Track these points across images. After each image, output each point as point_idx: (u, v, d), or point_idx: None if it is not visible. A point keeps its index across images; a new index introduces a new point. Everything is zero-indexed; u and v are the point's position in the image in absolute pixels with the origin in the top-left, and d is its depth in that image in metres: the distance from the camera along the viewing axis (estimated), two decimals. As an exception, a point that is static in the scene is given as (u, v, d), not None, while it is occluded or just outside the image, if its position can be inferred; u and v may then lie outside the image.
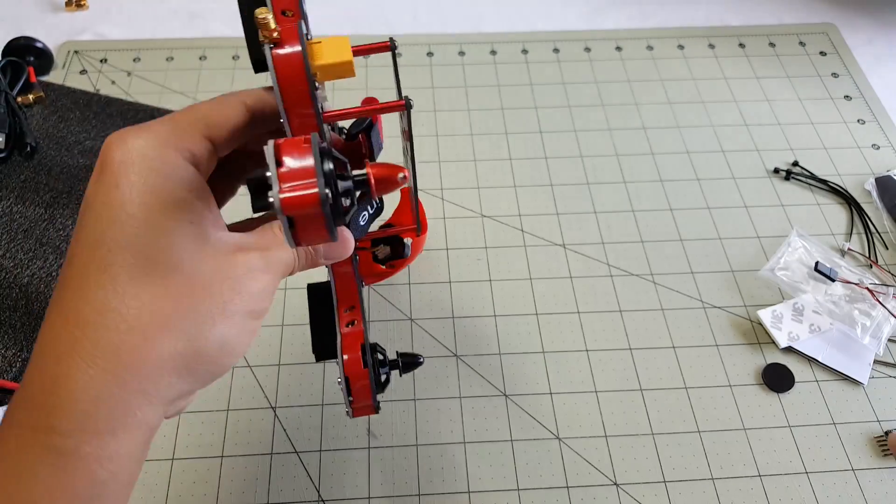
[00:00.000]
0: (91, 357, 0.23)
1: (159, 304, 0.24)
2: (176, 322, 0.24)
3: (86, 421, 0.23)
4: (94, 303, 0.24)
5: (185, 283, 0.25)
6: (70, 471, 0.23)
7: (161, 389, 0.24)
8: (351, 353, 0.33)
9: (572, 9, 0.72)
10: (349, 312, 0.36)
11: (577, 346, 0.48)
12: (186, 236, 0.25)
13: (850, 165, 0.59)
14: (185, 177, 0.26)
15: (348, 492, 0.42)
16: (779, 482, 0.43)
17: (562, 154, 0.59)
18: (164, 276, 0.24)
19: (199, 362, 0.25)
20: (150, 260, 0.24)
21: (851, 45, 0.69)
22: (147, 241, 0.24)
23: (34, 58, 0.61)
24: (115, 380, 0.23)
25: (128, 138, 0.25)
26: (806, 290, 0.50)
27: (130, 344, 0.24)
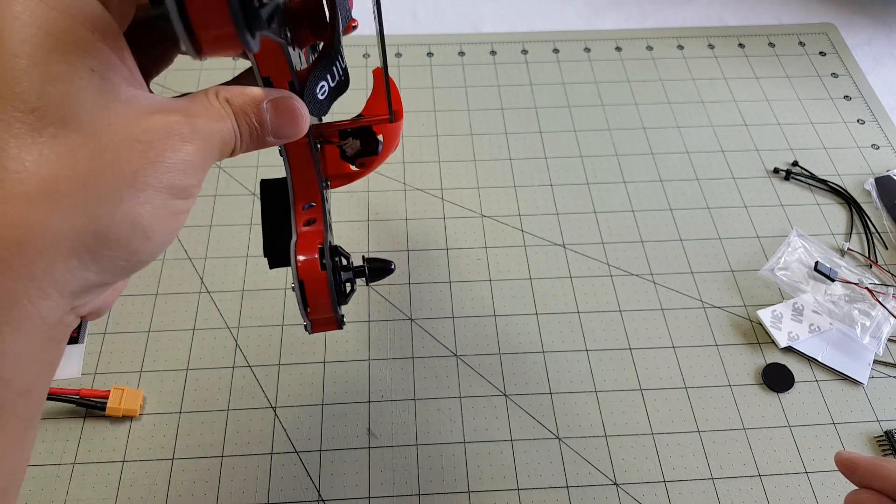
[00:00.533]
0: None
1: (50, 169, 0.19)
2: (71, 192, 0.19)
3: None
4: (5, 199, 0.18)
5: (82, 144, 0.19)
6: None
7: (57, 276, 0.19)
8: (307, 254, 0.29)
9: (572, 9, 0.72)
10: (308, 210, 0.31)
11: (577, 346, 0.48)
12: (86, 86, 0.20)
13: (849, 165, 0.59)
14: (86, 11, 0.20)
15: (348, 492, 0.42)
16: (778, 482, 0.43)
17: (562, 154, 0.59)
18: (56, 133, 0.19)
19: (104, 245, 0.20)
20: (37, 112, 0.19)
21: (851, 46, 0.69)
22: (33, 88, 0.19)
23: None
24: (7, 276, 0.18)
25: None
26: (806, 290, 0.50)
27: (13, 217, 0.18)
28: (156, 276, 0.50)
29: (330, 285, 0.28)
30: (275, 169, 0.57)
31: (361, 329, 0.48)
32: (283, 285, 0.50)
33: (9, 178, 0.18)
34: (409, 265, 0.51)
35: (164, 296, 0.49)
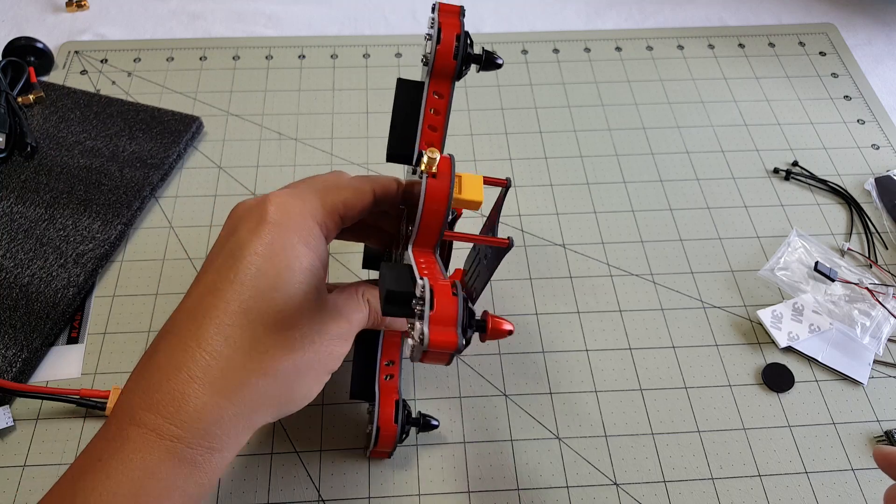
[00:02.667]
0: (218, 386, 0.27)
1: (277, 354, 0.29)
2: (284, 372, 0.29)
3: (205, 437, 0.27)
4: (229, 338, 0.28)
5: (298, 339, 0.29)
6: (186, 475, 0.27)
7: (256, 421, 0.29)
8: (387, 408, 0.38)
9: (572, 9, 0.72)
10: (389, 366, 0.40)
11: (577, 346, 0.48)
12: (309, 301, 0.30)
13: (849, 165, 0.59)
14: (319, 247, 0.31)
15: (348, 492, 0.42)
16: (778, 482, 0.43)
17: (562, 154, 0.59)
18: (287, 329, 0.29)
19: (287, 404, 0.30)
20: (280, 314, 0.29)
21: (851, 46, 0.69)
22: (283, 299, 0.29)
23: (34, 58, 0.61)
24: (233, 408, 0.28)
25: (287, 202, 0.31)
26: (806, 290, 0.50)
27: (251, 383, 0.28)
28: (156, 276, 0.50)
29: (397, 437, 0.38)
30: (274, 169, 0.57)
31: (361, 329, 0.48)
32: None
33: (254, 356, 0.28)
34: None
35: (164, 296, 0.49)
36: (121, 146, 0.56)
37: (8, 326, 0.46)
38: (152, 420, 0.27)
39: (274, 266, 0.29)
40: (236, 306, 0.28)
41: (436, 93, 0.33)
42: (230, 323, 0.28)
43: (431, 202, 0.30)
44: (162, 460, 0.27)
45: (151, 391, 0.28)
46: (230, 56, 0.66)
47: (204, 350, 0.28)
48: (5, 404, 0.43)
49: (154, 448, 0.27)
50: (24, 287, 0.47)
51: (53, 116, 0.58)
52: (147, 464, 0.26)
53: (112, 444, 0.27)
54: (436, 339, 0.25)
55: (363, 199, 0.34)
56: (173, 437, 0.27)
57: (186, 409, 0.27)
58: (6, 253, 0.49)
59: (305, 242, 0.30)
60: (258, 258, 0.29)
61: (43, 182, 0.53)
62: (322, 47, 0.67)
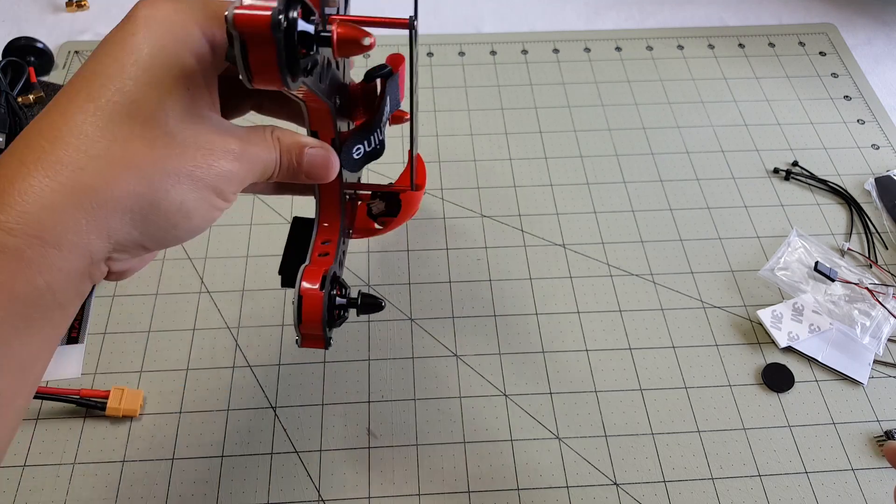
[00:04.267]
0: (53, 170, 0.24)
1: (132, 146, 0.25)
2: (143, 166, 0.25)
3: (33, 225, 0.23)
4: (71, 124, 0.25)
5: (161, 137, 0.26)
6: (10, 269, 0.23)
7: (111, 223, 0.25)
8: (312, 279, 0.32)
9: (572, 9, 0.72)
10: (325, 245, 0.35)
11: (577, 346, 0.48)
12: (178, 99, 0.26)
13: (849, 165, 0.59)
14: (196, 48, 0.27)
15: (348, 492, 0.42)
16: (778, 482, 0.43)
17: (562, 154, 0.59)
18: (145, 123, 0.25)
19: (154, 213, 0.26)
20: (136, 103, 0.25)
21: (851, 46, 0.69)
22: (140, 89, 0.25)
23: (35, 58, 0.61)
24: (70, 197, 0.24)
25: (157, 1, 0.27)
26: (806, 290, 0.50)
27: (94, 169, 0.24)
28: (156, 276, 0.50)
29: (324, 307, 0.32)
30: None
31: (361, 329, 0.48)
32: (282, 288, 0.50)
33: (101, 143, 0.25)
34: (409, 265, 0.51)
35: (164, 296, 0.49)
36: (121, 146, 0.56)
37: (8, 326, 0.45)
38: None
39: (132, 54, 0.26)
40: (86, 94, 0.25)
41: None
42: (76, 110, 0.25)
43: None
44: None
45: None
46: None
47: (43, 138, 0.25)
48: (5, 404, 0.43)
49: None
50: (24, 287, 0.47)
51: (53, 116, 0.58)
52: None
53: None
54: (242, 17, 0.22)
55: None
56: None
57: (10, 192, 0.24)
58: (6, 253, 0.49)
59: (175, 38, 0.27)
60: (115, 47, 0.26)
61: (43, 182, 0.53)
62: (322, 47, 0.67)
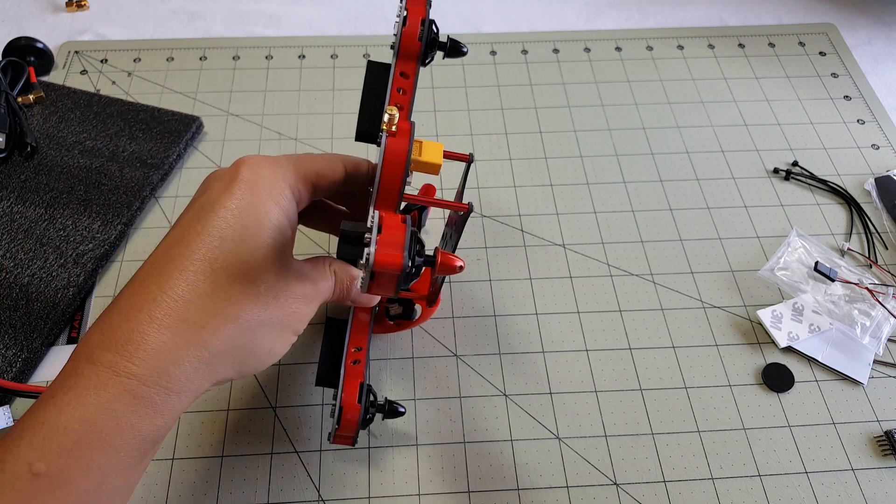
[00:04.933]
0: (178, 327, 0.27)
1: (240, 303, 0.29)
2: (248, 320, 0.29)
3: (162, 377, 0.27)
4: (192, 284, 0.28)
5: (263, 293, 0.30)
6: (141, 413, 0.27)
7: (218, 369, 0.29)
8: (350, 389, 0.38)
9: (572, 9, 0.72)
10: (356, 352, 0.40)
11: (577, 346, 0.48)
12: (275, 256, 0.30)
13: (849, 165, 0.59)
14: (288, 209, 0.32)
15: (348, 492, 0.42)
16: (778, 482, 0.43)
17: (562, 154, 0.59)
18: (252, 281, 0.30)
19: (250, 357, 0.30)
20: (245, 265, 0.29)
21: (851, 46, 0.69)
22: (249, 250, 0.29)
23: (34, 58, 0.61)
24: (192, 351, 0.28)
25: (260, 164, 0.31)
26: (805, 290, 0.50)
27: (212, 327, 0.28)
28: (156, 276, 0.50)
29: (360, 417, 0.37)
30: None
31: (361, 329, 0.48)
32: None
33: (216, 301, 0.29)
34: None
35: (164, 296, 0.49)
36: (121, 146, 0.56)
37: (8, 326, 0.46)
38: (109, 358, 0.27)
39: (241, 220, 0.30)
40: (200, 255, 0.29)
41: (402, 73, 0.35)
42: (194, 270, 0.28)
43: (390, 160, 0.31)
44: (116, 397, 0.26)
45: (110, 331, 0.28)
46: (230, 56, 0.66)
47: (165, 294, 0.28)
48: (5, 404, 0.43)
49: (109, 385, 0.26)
50: (24, 287, 0.47)
51: (53, 116, 0.58)
52: (101, 400, 0.26)
53: (67, 381, 0.27)
54: (381, 259, 0.26)
55: (335, 169, 0.35)
56: (129, 375, 0.26)
57: (144, 347, 0.27)
58: (6, 253, 0.49)
59: (275, 201, 0.31)
60: (226, 211, 0.30)
61: (43, 182, 0.53)
62: (322, 47, 0.67)
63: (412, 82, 0.35)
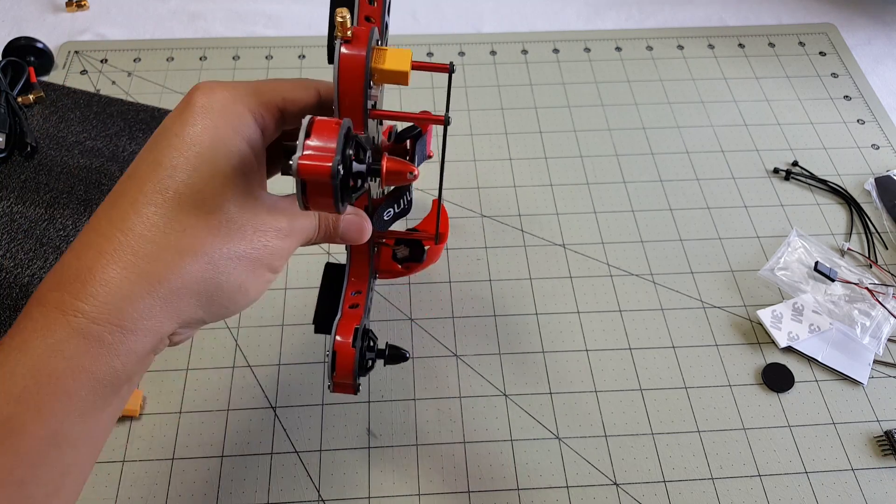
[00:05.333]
0: (129, 261, 0.26)
1: (198, 234, 0.27)
2: (209, 252, 0.27)
3: (114, 314, 0.25)
4: (143, 215, 0.27)
5: (224, 224, 0.28)
6: (92, 354, 0.25)
7: (180, 307, 0.27)
8: (345, 333, 0.35)
9: (572, 9, 0.72)
10: (355, 296, 0.38)
11: (577, 346, 0.48)
12: (236, 185, 0.28)
13: (849, 165, 0.59)
14: (250, 135, 0.29)
15: (348, 492, 0.42)
16: (778, 482, 0.43)
17: (562, 154, 0.59)
18: (209, 211, 0.27)
19: (218, 294, 0.28)
20: (200, 194, 0.27)
21: (851, 46, 0.69)
22: (203, 178, 0.27)
23: (34, 58, 0.61)
24: (146, 286, 0.26)
25: (214, 88, 0.29)
26: (805, 290, 0.50)
27: (166, 259, 0.26)
28: (156, 276, 0.50)
29: (356, 361, 0.35)
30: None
31: (361, 329, 0.48)
32: (283, 286, 0.50)
33: (171, 233, 0.27)
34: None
35: (164, 296, 0.49)
36: (121, 146, 0.56)
37: (8, 326, 0.46)
38: (57, 297, 0.26)
39: (194, 147, 0.28)
40: (151, 186, 0.27)
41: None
42: (144, 202, 0.27)
43: (346, 70, 0.28)
44: (66, 338, 0.25)
45: (60, 271, 0.26)
46: (230, 56, 0.66)
47: (115, 228, 0.26)
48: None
49: (57, 325, 0.25)
50: (24, 287, 0.47)
51: (53, 116, 0.58)
52: (48, 342, 0.25)
53: (16, 327, 0.26)
54: (305, 165, 0.24)
55: (305, 93, 0.32)
56: (77, 313, 0.25)
57: (93, 284, 0.25)
58: (6, 253, 0.49)
59: (233, 127, 0.29)
60: (177, 139, 0.28)
61: (43, 182, 0.53)
62: (322, 47, 0.67)
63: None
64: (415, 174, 0.29)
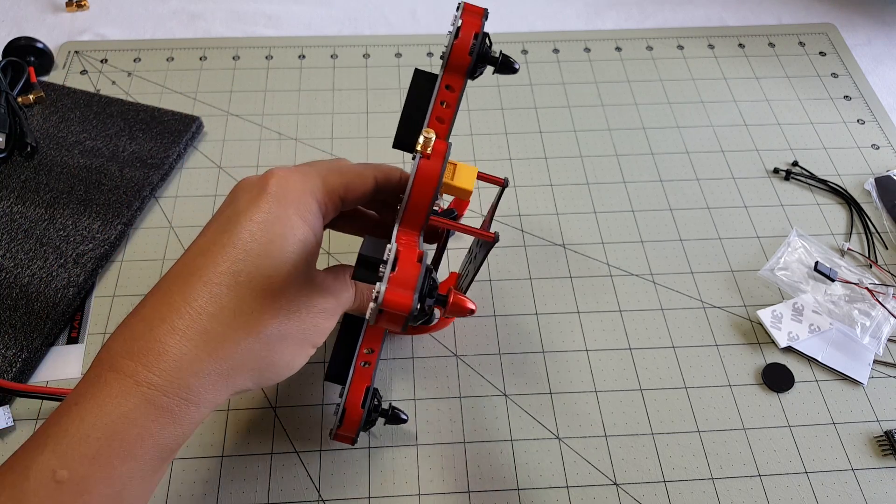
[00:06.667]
0: (200, 340, 0.28)
1: (263, 317, 0.29)
2: (268, 335, 0.29)
3: (182, 387, 0.27)
4: (215, 297, 0.28)
5: (284, 307, 0.30)
6: (161, 423, 0.27)
7: (237, 381, 0.29)
8: (356, 391, 0.38)
9: (572, 9, 0.72)
10: (368, 354, 0.40)
11: (577, 346, 0.48)
12: (299, 270, 0.30)
13: (849, 165, 0.59)
14: (314, 223, 0.32)
15: (348, 492, 0.42)
16: (778, 482, 0.43)
17: (562, 154, 0.59)
18: (274, 296, 0.30)
19: (268, 370, 0.30)
20: (269, 280, 0.29)
21: (851, 46, 0.69)
22: (273, 264, 0.29)
23: (35, 58, 0.61)
24: (213, 364, 0.28)
25: (288, 177, 0.31)
26: (805, 290, 0.50)
27: (233, 340, 0.28)
28: (156, 276, 0.50)
29: (362, 420, 0.38)
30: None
31: (361, 329, 0.48)
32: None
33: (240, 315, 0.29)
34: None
35: (164, 296, 0.49)
36: (121, 146, 0.56)
37: (8, 326, 0.46)
38: (131, 367, 0.27)
39: (267, 234, 0.29)
40: (225, 268, 0.29)
41: (448, 85, 0.34)
42: (218, 282, 0.29)
43: (421, 181, 0.30)
44: (137, 406, 0.27)
45: (133, 340, 0.28)
46: (230, 56, 0.66)
47: (189, 305, 0.28)
48: (5, 404, 0.43)
49: (130, 394, 0.27)
50: (24, 287, 0.47)
51: (53, 116, 0.58)
52: (122, 409, 0.26)
53: (89, 389, 0.27)
54: (390, 299, 0.26)
55: (364, 183, 0.34)
56: (151, 385, 0.27)
57: (166, 358, 0.27)
58: (6, 253, 0.49)
59: (302, 216, 0.31)
60: (253, 225, 0.30)
61: (43, 182, 0.53)
62: (322, 47, 0.67)
63: (457, 96, 0.34)
64: (474, 310, 0.30)
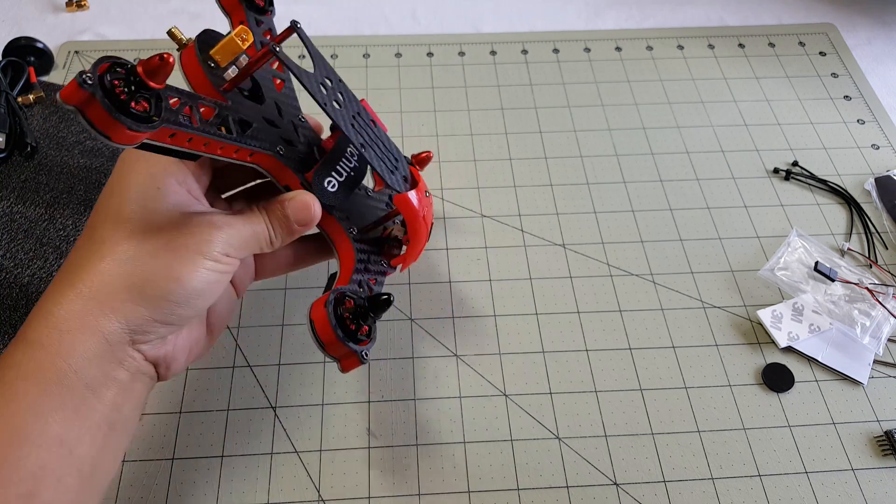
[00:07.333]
0: (58, 279, 0.31)
1: (117, 241, 0.31)
2: (125, 251, 0.31)
3: (52, 321, 0.29)
4: (75, 245, 0.32)
5: (139, 230, 0.31)
6: (34, 357, 0.29)
7: (112, 304, 0.30)
8: (318, 303, 0.34)
9: (572, 9, 0.72)
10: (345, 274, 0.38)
11: (577, 346, 0.48)
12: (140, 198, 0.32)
13: (849, 165, 0.59)
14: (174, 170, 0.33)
15: (348, 492, 0.42)
16: (778, 482, 0.43)
17: (562, 154, 0.59)
18: (116, 222, 0.31)
19: (149, 285, 0.30)
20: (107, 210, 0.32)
21: (851, 46, 0.69)
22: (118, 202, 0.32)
23: (34, 58, 0.61)
24: (71, 290, 0.30)
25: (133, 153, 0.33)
26: (805, 290, 0.50)
27: (87, 267, 0.31)
28: (156, 276, 0.50)
29: (332, 324, 0.33)
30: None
31: (361, 329, 0.48)
32: (283, 286, 0.50)
33: (93, 247, 0.31)
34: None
35: (164, 296, 0.49)
36: (121, 146, 0.56)
37: (8, 326, 0.46)
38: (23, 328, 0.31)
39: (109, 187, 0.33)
40: (90, 222, 0.33)
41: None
42: (85, 236, 0.32)
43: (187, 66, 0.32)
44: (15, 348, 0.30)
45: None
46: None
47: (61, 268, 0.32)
48: (5, 404, 0.43)
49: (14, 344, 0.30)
50: (24, 287, 0.47)
51: (53, 116, 0.58)
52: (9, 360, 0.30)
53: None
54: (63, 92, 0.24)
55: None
56: (24, 328, 0.30)
57: (43, 307, 0.30)
58: (6, 253, 0.49)
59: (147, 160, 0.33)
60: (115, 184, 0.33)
61: (43, 182, 0.53)
62: (322, 47, 0.67)
63: None
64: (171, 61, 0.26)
